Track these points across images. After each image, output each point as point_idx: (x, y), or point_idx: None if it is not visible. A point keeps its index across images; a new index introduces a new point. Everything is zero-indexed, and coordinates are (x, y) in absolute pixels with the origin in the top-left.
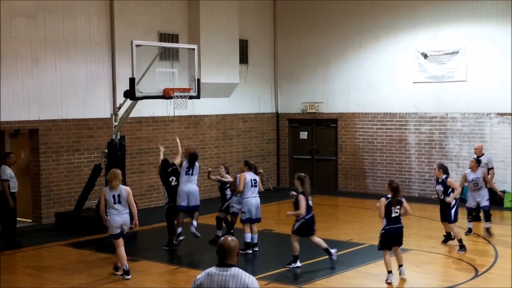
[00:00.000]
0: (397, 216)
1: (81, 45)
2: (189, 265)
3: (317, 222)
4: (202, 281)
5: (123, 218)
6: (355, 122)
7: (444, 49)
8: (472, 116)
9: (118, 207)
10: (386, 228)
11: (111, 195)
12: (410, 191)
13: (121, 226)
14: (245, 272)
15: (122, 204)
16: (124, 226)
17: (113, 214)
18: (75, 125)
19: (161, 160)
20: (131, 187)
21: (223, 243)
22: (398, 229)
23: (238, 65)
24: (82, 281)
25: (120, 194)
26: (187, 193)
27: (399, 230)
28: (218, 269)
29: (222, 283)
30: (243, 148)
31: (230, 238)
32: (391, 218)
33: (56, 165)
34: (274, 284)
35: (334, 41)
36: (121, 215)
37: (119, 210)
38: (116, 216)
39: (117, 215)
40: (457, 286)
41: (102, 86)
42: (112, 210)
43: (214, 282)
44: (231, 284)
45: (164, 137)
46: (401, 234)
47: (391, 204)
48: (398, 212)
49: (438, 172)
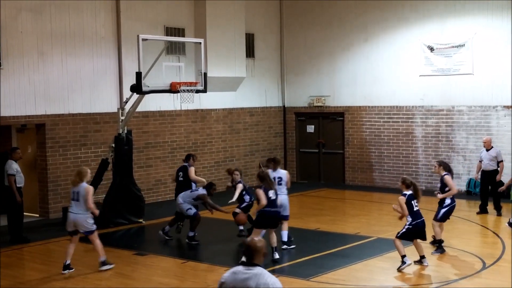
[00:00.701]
0: (418, 209)
1: (87, 40)
2: (197, 259)
3: (325, 215)
4: (226, 279)
5: (75, 217)
6: (362, 115)
7: (451, 42)
8: (479, 109)
9: (73, 204)
10: (413, 224)
11: (71, 190)
12: (417, 184)
13: (74, 225)
14: (269, 272)
15: (79, 203)
16: (76, 225)
17: (69, 211)
18: (82, 119)
19: None
20: (138, 182)
21: (249, 243)
22: (423, 222)
23: (244, 59)
24: (89, 275)
25: (78, 191)
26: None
27: (423, 223)
28: (244, 268)
29: (243, 281)
30: (250, 142)
31: (257, 239)
32: (414, 212)
33: (63, 160)
34: (281, 277)
35: (340, 35)
36: (73, 213)
37: (73, 208)
38: (70, 214)
39: (71, 213)
40: (465, 278)
41: (109, 80)
42: (69, 207)
43: (236, 280)
44: (251, 283)
45: (171, 131)
46: (424, 227)
47: (412, 199)
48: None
49: (438, 169)
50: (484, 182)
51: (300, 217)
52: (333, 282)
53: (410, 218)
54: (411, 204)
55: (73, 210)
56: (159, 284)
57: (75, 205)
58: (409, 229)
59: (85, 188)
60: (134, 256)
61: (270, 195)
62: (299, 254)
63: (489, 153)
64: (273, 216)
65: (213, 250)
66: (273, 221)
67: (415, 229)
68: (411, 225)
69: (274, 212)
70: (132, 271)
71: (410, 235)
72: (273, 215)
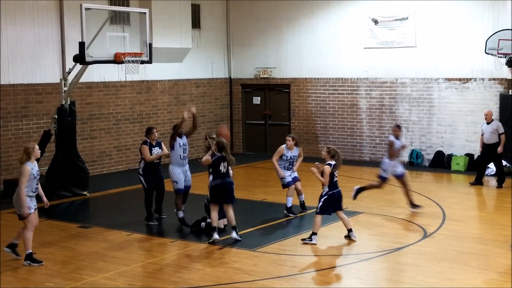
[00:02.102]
0: (336, 180)
1: (28, 8)
2: (142, 231)
3: (271, 186)
4: None
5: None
6: (308, 87)
7: (394, 15)
8: (421, 81)
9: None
10: (330, 194)
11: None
12: (361, 155)
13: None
14: None
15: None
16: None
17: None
18: (23, 90)
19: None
20: (82, 154)
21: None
22: (339, 192)
23: (190, 29)
24: (33, 249)
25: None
26: None
27: (340, 194)
28: None
29: None
30: (196, 114)
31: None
32: (333, 183)
33: (3, 132)
34: (228, 248)
35: (286, 6)
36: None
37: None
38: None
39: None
40: (406, 247)
41: (51, 50)
42: None
43: None
44: None
45: (116, 102)
46: (341, 197)
47: (334, 169)
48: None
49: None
50: (484, 155)
51: (246, 189)
52: (279, 252)
53: (327, 188)
54: (332, 174)
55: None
56: (104, 257)
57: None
58: (325, 200)
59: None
60: (78, 229)
61: (221, 167)
62: (245, 225)
63: (491, 125)
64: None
65: (158, 223)
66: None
67: (331, 199)
68: (327, 195)
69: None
70: (76, 244)
71: (329, 207)
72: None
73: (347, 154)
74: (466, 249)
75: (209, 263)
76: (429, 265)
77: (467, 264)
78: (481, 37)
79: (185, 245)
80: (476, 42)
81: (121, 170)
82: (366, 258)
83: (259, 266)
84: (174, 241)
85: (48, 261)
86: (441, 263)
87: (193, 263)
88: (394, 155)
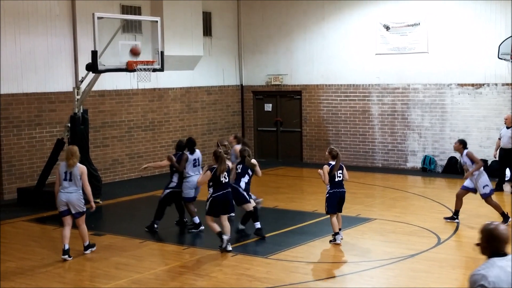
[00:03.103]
0: (340, 180)
1: (41, 18)
2: (155, 238)
3: (283, 193)
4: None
5: (68, 197)
6: (319, 93)
7: (406, 21)
8: (433, 87)
9: (66, 184)
10: (331, 192)
11: (63, 171)
12: (373, 161)
13: (66, 204)
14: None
15: (72, 182)
16: (70, 204)
17: (60, 191)
18: (36, 99)
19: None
20: (94, 161)
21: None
22: (342, 193)
23: (201, 37)
24: (46, 256)
25: (72, 171)
26: None
27: (343, 194)
28: (503, 259)
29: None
30: (207, 121)
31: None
32: (335, 182)
33: (17, 140)
34: (241, 255)
35: (297, 13)
36: (67, 193)
37: (66, 188)
38: (62, 194)
39: (63, 192)
40: (419, 253)
41: (64, 59)
42: (61, 187)
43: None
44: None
45: (128, 110)
46: (343, 198)
47: (333, 170)
48: (341, 176)
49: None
50: (502, 159)
51: (258, 196)
52: (292, 260)
53: (328, 187)
54: (333, 174)
55: (67, 190)
56: (117, 265)
57: (68, 185)
58: (328, 199)
59: (79, 168)
60: (91, 236)
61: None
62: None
63: (510, 130)
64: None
65: (171, 231)
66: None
67: (333, 197)
68: (328, 193)
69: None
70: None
71: (334, 205)
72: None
73: (359, 161)
74: (480, 255)
75: (222, 270)
76: (443, 272)
77: None
78: (493, 42)
79: (198, 252)
80: (488, 47)
81: (134, 177)
82: (379, 265)
83: (271, 273)
84: (186, 248)
85: (62, 269)
86: (455, 270)
87: (205, 270)
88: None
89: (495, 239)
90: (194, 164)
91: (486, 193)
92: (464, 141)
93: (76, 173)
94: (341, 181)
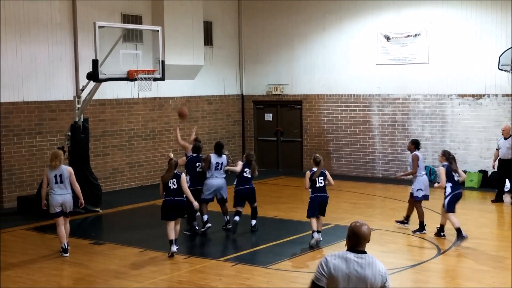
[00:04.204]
0: (322, 186)
1: (42, 26)
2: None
3: (283, 203)
4: (337, 264)
5: (63, 198)
6: (320, 103)
7: (406, 31)
8: (434, 97)
9: (58, 187)
10: (312, 196)
11: (52, 175)
12: (373, 171)
13: (61, 205)
14: (375, 258)
15: (63, 185)
16: (65, 205)
17: (53, 194)
18: (37, 107)
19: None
20: (94, 170)
21: (359, 230)
22: (323, 197)
23: (202, 47)
24: (45, 265)
25: (62, 174)
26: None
27: (324, 198)
28: (354, 255)
29: (360, 270)
30: (208, 130)
31: (367, 226)
32: (316, 188)
33: (17, 148)
34: (241, 265)
35: (298, 23)
36: (62, 195)
37: (60, 190)
38: (56, 196)
39: (58, 195)
40: (420, 264)
41: (65, 68)
42: (52, 190)
43: (350, 268)
44: (368, 271)
45: (129, 119)
46: (325, 203)
47: (314, 175)
48: (323, 182)
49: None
50: (501, 170)
51: (258, 205)
52: (292, 270)
53: (311, 191)
54: (315, 180)
55: (61, 192)
56: (117, 274)
57: (61, 187)
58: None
59: (67, 169)
60: (91, 245)
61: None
62: (257, 241)
63: (508, 141)
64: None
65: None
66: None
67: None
68: (310, 198)
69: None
70: (89, 261)
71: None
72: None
73: (360, 171)
74: (480, 266)
75: (221, 280)
76: (443, 283)
77: (481, 281)
78: (494, 53)
79: (197, 261)
80: (489, 58)
81: (134, 186)
82: None
83: (271, 283)
84: (186, 258)
85: (61, 277)
86: (455, 281)
87: (205, 280)
88: None
89: (355, 236)
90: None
91: (418, 196)
92: (416, 142)
93: (65, 175)
94: (323, 186)
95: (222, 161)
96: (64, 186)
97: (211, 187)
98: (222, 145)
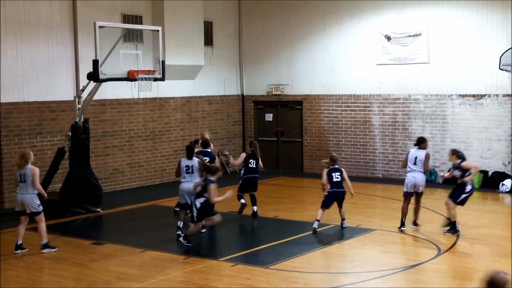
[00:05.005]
0: (338, 181)
1: (42, 27)
2: (155, 248)
3: (283, 203)
4: None
5: (22, 197)
6: (320, 104)
7: (407, 31)
8: (434, 97)
9: (21, 185)
10: (330, 191)
11: (18, 173)
12: (374, 172)
13: (21, 205)
14: None
15: (25, 184)
16: (24, 204)
17: (17, 192)
18: (37, 108)
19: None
20: (95, 170)
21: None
22: (339, 192)
23: (203, 47)
24: (46, 265)
25: (25, 173)
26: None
27: (340, 193)
28: None
29: None
30: (208, 131)
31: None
32: (333, 182)
33: (18, 149)
34: (241, 265)
35: (298, 24)
36: (21, 194)
37: (21, 189)
38: (17, 195)
39: (19, 193)
40: (420, 264)
41: (65, 68)
42: (17, 189)
43: None
44: None
45: (129, 119)
46: (341, 197)
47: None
48: (339, 178)
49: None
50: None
51: (258, 206)
52: (292, 270)
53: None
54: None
55: (21, 191)
56: (117, 274)
57: (22, 186)
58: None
59: (31, 169)
60: (92, 245)
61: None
62: (257, 242)
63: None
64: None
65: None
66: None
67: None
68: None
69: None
70: (90, 261)
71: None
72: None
73: (360, 171)
74: (480, 266)
75: (222, 280)
76: (443, 283)
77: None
78: (495, 53)
79: (198, 262)
80: (490, 58)
81: (134, 187)
82: (380, 276)
83: (271, 283)
84: (186, 258)
85: (61, 277)
86: (455, 281)
87: (205, 280)
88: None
89: None
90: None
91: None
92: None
93: (28, 174)
94: (340, 181)
95: (193, 164)
96: (25, 186)
97: (182, 191)
98: (193, 148)
